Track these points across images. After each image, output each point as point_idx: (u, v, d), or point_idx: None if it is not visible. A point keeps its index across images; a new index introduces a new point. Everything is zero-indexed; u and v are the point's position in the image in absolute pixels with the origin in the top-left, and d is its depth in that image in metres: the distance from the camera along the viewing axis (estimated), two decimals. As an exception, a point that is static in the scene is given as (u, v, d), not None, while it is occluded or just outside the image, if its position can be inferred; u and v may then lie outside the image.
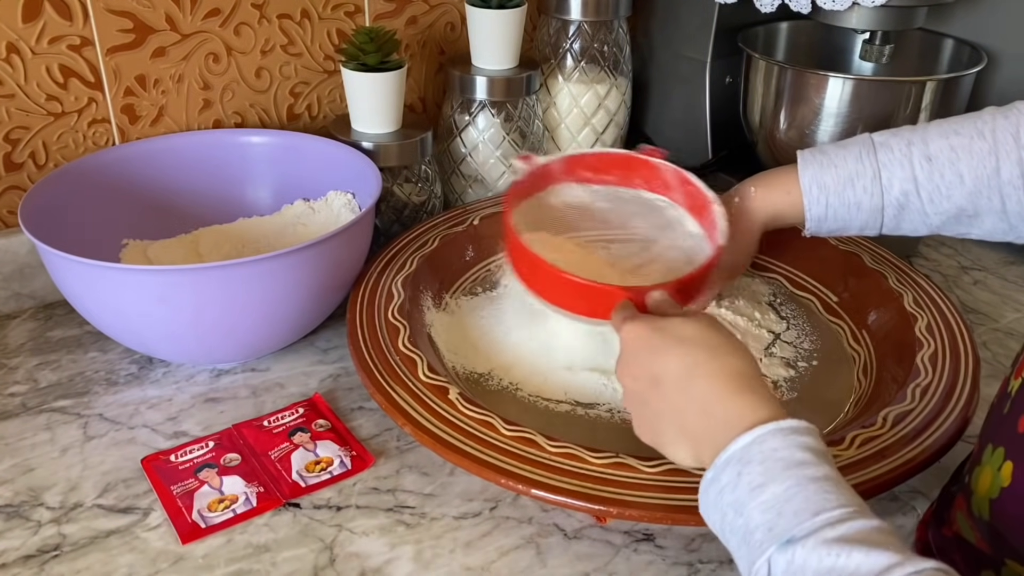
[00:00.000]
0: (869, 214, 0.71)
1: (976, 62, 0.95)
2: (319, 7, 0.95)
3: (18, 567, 0.60)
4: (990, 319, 0.90)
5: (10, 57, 0.82)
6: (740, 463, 0.48)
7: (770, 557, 0.44)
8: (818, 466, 0.46)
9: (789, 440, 0.47)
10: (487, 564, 0.61)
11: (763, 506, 0.45)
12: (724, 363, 0.53)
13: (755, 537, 0.45)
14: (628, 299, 0.62)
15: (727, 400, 0.51)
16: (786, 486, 0.45)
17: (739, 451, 0.48)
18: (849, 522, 0.43)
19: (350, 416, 0.75)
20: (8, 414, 0.74)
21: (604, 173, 0.78)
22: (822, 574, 0.42)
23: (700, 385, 0.52)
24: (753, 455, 0.47)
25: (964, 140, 0.68)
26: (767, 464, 0.47)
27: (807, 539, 0.43)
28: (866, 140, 0.72)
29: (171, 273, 0.70)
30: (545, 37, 1.06)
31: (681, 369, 0.53)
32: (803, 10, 0.91)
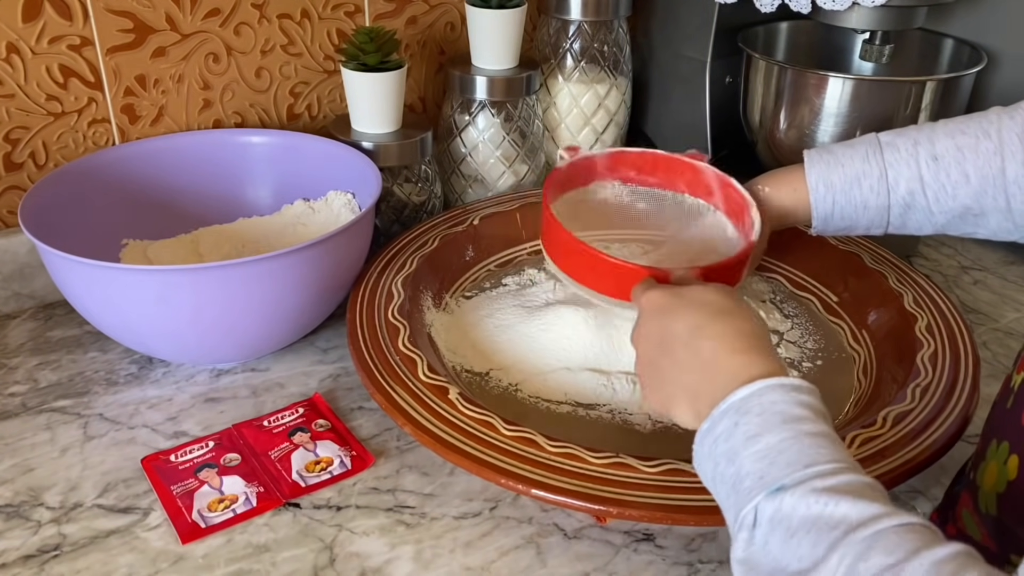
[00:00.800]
0: (875, 213, 0.72)
1: (976, 62, 0.95)
2: (319, 7, 0.95)
3: (18, 567, 0.60)
4: (990, 319, 0.90)
5: (10, 57, 0.82)
6: (738, 413, 0.48)
7: (758, 504, 0.44)
8: (815, 423, 0.47)
9: (789, 396, 0.48)
10: (487, 564, 0.61)
11: (756, 455, 0.46)
12: (733, 325, 0.53)
13: (745, 484, 0.46)
14: (655, 277, 0.63)
15: (731, 357, 0.51)
16: (781, 437, 0.46)
17: (738, 402, 0.48)
18: (840, 475, 0.44)
19: (350, 416, 0.75)
20: (8, 414, 0.74)
21: (647, 174, 0.79)
22: (809, 521, 0.42)
23: (706, 344, 0.53)
24: (752, 406, 0.48)
25: (970, 140, 0.68)
26: (765, 416, 0.47)
27: (796, 488, 0.43)
28: (872, 140, 0.72)
29: (171, 273, 0.70)
30: (545, 37, 1.06)
31: (690, 328, 0.54)
32: (803, 10, 0.91)
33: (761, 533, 0.44)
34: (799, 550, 0.42)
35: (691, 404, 0.53)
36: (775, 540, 0.43)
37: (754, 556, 0.44)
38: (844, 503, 0.42)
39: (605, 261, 0.66)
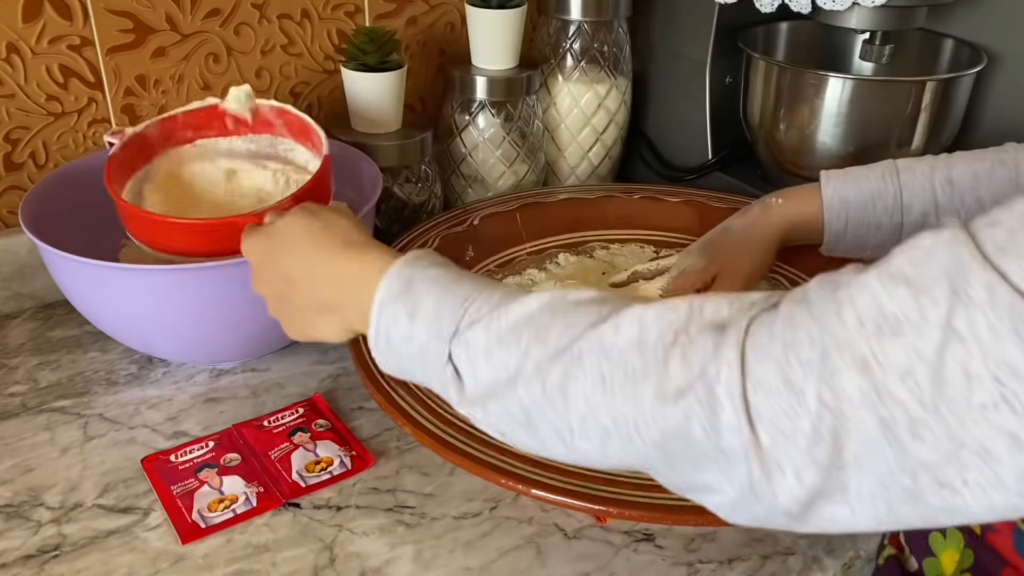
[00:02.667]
0: (888, 234, 0.72)
1: (976, 62, 0.95)
2: (319, 7, 0.95)
3: (18, 567, 0.60)
4: (990, 319, 0.90)
5: (10, 57, 0.82)
6: (391, 303, 0.50)
7: (450, 354, 0.47)
8: (452, 272, 0.50)
9: (417, 265, 0.51)
10: (487, 564, 0.61)
11: (423, 323, 0.49)
12: (332, 237, 0.56)
13: (430, 350, 0.48)
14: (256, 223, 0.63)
15: (348, 265, 0.54)
16: (432, 297, 0.49)
17: (383, 294, 0.50)
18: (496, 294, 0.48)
19: (350, 416, 0.75)
20: (8, 414, 0.74)
21: (204, 129, 0.78)
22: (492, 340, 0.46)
23: (321, 266, 0.55)
24: (396, 291, 0.50)
25: (986, 167, 0.69)
26: (408, 293, 0.50)
27: (470, 323, 0.47)
28: (889, 163, 0.73)
29: (171, 273, 0.70)
30: (545, 37, 1.06)
31: (297, 258, 0.56)
32: (803, 10, 0.91)
33: (466, 374, 0.47)
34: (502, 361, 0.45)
35: (337, 319, 0.55)
36: (481, 369, 0.46)
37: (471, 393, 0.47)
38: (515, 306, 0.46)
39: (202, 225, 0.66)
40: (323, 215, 0.58)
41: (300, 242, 0.57)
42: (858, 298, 0.36)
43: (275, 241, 0.59)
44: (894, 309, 0.34)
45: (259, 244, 0.60)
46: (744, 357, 0.38)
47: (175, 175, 0.76)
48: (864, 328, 0.35)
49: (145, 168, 0.76)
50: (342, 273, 0.54)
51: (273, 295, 0.59)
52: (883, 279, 0.35)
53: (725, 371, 0.38)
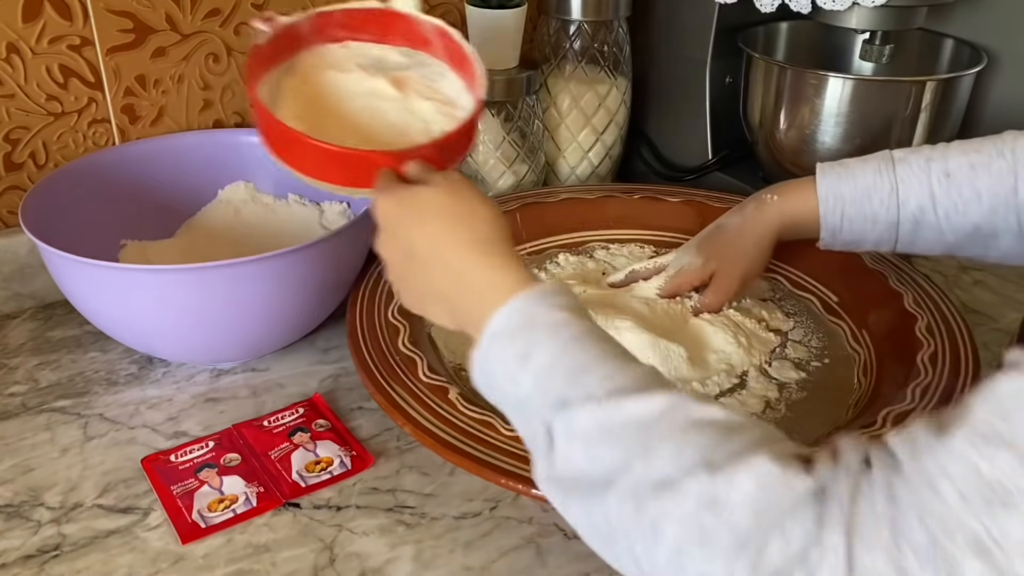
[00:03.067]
0: (885, 228, 0.71)
1: (976, 62, 0.95)
2: (319, 7, 0.95)
3: (18, 567, 0.60)
4: (990, 319, 0.90)
5: (10, 57, 0.82)
6: (504, 336, 0.48)
7: (548, 422, 0.45)
8: (577, 323, 0.47)
9: (545, 304, 0.48)
10: (487, 564, 0.61)
11: (533, 375, 0.46)
12: (473, 230, 0.53)
13: (530, 406, 0.46)
14: (389, 164, 0.60)
15: (479, 271, 0.52)
16: (550, 351, 0.46)
17: (502, 325, 0.48)
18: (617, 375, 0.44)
19: (350, 416, 0.75)
20: (8, 414, 0.74)
21: (359, 31, 0.72)
22: (595, 430, 0.43)
23: (451, 256, 0.53)
24: (514, 326, 0.48)
25: (984, 158, 0.68)
26: (528, 332, 0.47)
27: (579, 400, 0.44)
28: (885, 155, 0.72)
29: (172, 273, 0.70)
30: (545, 37, 1.06)
31: (429, 241, 0.54)
32: (803, 10, 0.91)
33: (560, 450, 0.44)
34: (601, 458, 0.42)
35: (448, 312, 0.54)
36: (576, 453, 0.44)
37: (559, 472, 0.45)
38: (627, 402, 0.43)
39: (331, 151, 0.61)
40: (468, 200, 0.55)
41: (435, 224, 0.54)
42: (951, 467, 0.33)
43: (410, 212, 0.55)
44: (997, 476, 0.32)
45: (393, 208, 0.57)
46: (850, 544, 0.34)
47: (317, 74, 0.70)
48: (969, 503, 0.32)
49: (289, 61, 0.70)
50: (468, 277, 0.52)
51: (394, 263, 0.57)
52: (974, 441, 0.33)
53: (830, 559, 0.34)
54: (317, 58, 0.70)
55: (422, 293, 0.56)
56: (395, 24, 0.71)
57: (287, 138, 0.62)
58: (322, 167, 0.63)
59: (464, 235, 0.53)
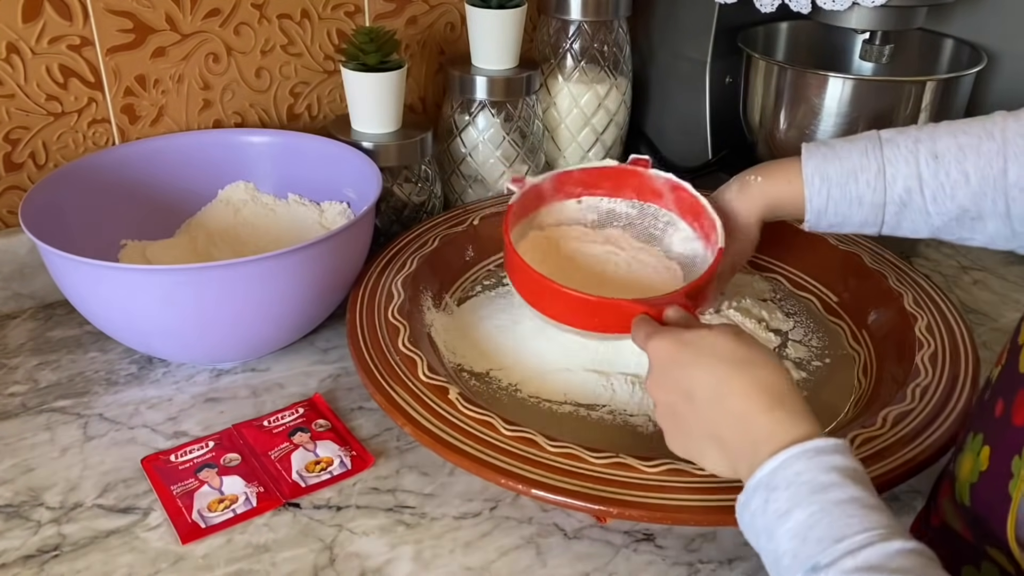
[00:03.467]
0: (870, 210, 0.70)
1: (976, 62, 0.95)
2: (319, 7, 0.95)
3: (18, 567, 0.60)
4: (990, 319, 0.90)
5: (10, 57, 0.82)
6: (767, 489, 0.48)
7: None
8: (843, 488, 0.47)
9: (814, 463, 0.48)
10: (487, 564, 0.61)
11: (789, 533, 0.46)
12: (755, 377, 0.53)
13: (783, 563, 0.46)
14: (646, 312, 0.63)
15: (758, 417, 0.52)
16: (809, 512, 0.46)
17: (765, 477, 0.49)
18: (869, 548, 0.44)
19: (350, 416, 0.75)
20: (8, 414, 0.74)
21: (594, 187, 0.79)
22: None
23: (732, 401, 0.53)
24: (779, 481, 0.48)
25: (973, 140, 0.67)
26: (792, 489, 0.47)
27: (830, 568, 0.43)
28: (873, 136, 0.71)
29: (172, 273, 0.70)
30: (545, 37, 1.06)
31: (712, 384, 0.54)
32: (803, 10, 0.91)
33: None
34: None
35: (725, 458, 0.53)
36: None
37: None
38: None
39: (587, 301, 0.65)
40: (751, 346, 0.55)
41: (719, 367, 0.54)
42: None
43: (691, 353, 0.55)
44: None
45: (671, 349, 0.57)
46: None
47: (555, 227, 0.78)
48: None
49: (532, 215, 0.77)
50: (749, 423, 0.52)
51: (667, 404, 0.57)
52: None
53: None
54: (556, 212, 0.79)
55: (695, 435, 0.55)
56: (628, 180, 0.79)
57: (541, 287, 0.68)
58: (575, 314, 0.68)
59: (748, 381, 0.53)
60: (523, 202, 0.75)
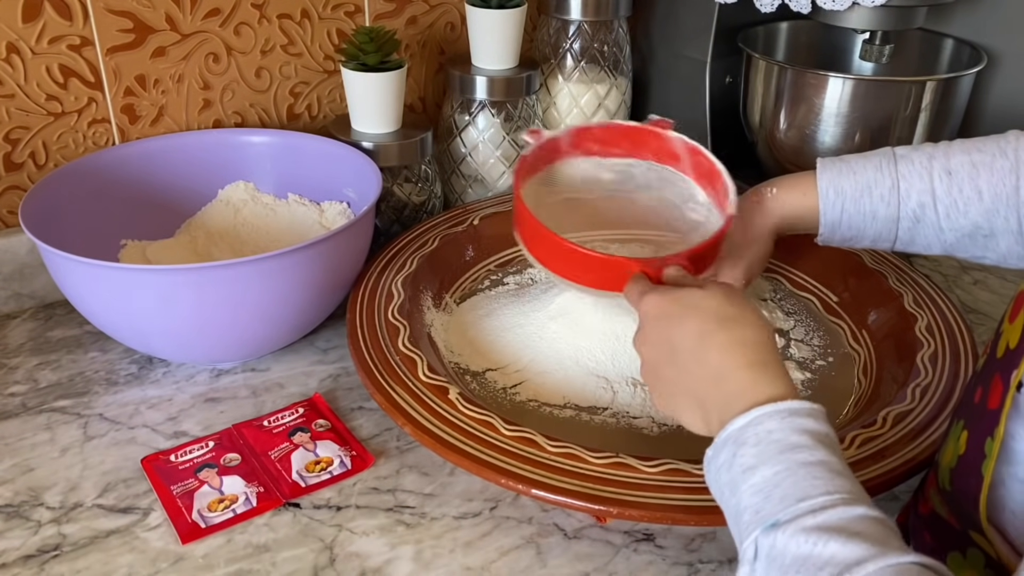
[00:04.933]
0: (884, 224, 0.71)
1: (976, 62, 0.95)
2: (319, 7, 0.95)
3: (18, 567, 0.60)
4: (990, 319, 0.90)
5: (10, 57, 0.82)
6: (736, 444, 0.48)
7: (756, 539, 0.45)
8: (812, 450, 0.46)
9: (787, 423, 0.48)
10: (487, 564, 0.61)
11: (753, 489, 0.46)
12: (738, 334, 0.53)
13: (744, 518, 0.46)
14: (642, 271, 0.62)
15: (736, 372, 0.51)
16: (776, 470, 0.46)
17: (736, 432, 0.49)
18: (831, 509, 0.43)
19: (350, 416, 0.75)
20: (8, 414, 0.74)
21: (612, 145, 0.77)
22: (799, 560, 0.42)
23: (713, 355, 0.52)
24: (748, 436, 0.48)
25: (986, 157, 0.67)
26: (761, 447, 0.47)
27: (789, 524, 0.44)
28: (887, 152, 0.72)
29: (172, 273, 0.70)
30: (545, 37, 1.06)
31: (695, 338, 0.53)
32: (803, 10, 0.91)
33: (760, 567, 0.44)
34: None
35: (701, 414, 0.53)
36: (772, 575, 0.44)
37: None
38: (833, 543, 0.42)
39: (590, 256, 0.65)
40: (740, 306, 0.54)
41: (703, 323, 0.54)
42: None
43: (679, 310, 0.55)
44: None
45: (660, 305, 0.57)
46: None
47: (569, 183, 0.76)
48: None
49: (546, 169, 0.75)
50: (725, 379, 0.51)
51: (651, 360, 0.57)
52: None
53: None
54: (571, 169, 0.77)
55: (676, 391, 0.55)
56: (647, 141, 0.76)
57: (547, 241, 0.66)
58: (577, 270, 0.67)
59: (731, 337, 0.53)
60: (538, 155, 0.74)
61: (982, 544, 0.49)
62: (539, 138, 0.74)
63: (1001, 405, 0.46)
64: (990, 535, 0.47)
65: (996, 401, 0.47)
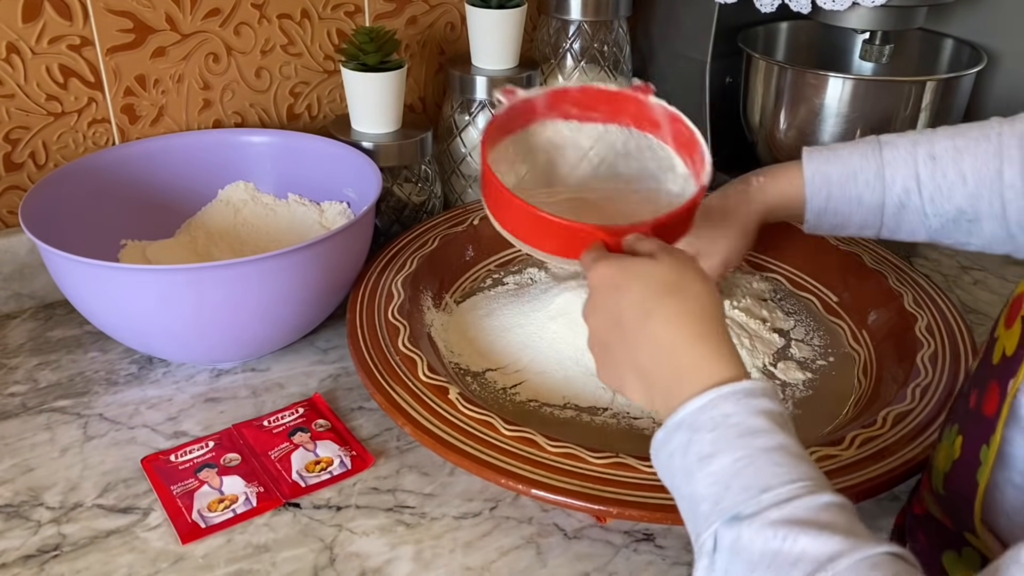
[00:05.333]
0: (869, 210, 0.71)
1: (976, 62, 0.95)
2: (319, 7, 0.95)
3: (18, 567, 0.60)
4: (990, 319, 0.90)
5: (10, 57, 0.82)
6: (690, 429, 0.46)
7: (716, 531, 0.43)
8: (772, 434, 0.45)
9: (743, 405, 0.46)
10: (487, 564, 0.61)
11: (711, 478, 0.44)
12: (685, 306, 0.51)
13: (701, 508, 0.44)
14: (603, 239, 0.60)
15: (682, 349, 0.49)
16: (735, 457, 0.44)
17: (690, 416, 0.46)
18: (797, 500, 0.42)
19: (350, 416, 0.75)
20: (8, 414, 0.74)
21: (590, 109, 0.73)
22: (767, 557, 0.41)
23: (657, 328, 0.50)
24: (704, 422, 0.46)
25: (969, 142, 0.68)
26: (718, 432, 0.45)
27: (753, 518, 0.42)
28: (872, 140, 0.72)
29: (172, 273, 0.70)
30: (545, 37, 1.06)
31: (639, 310, 0.51)
32: (803, 10, 0.91)
33: (721, 561, 0.43)
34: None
35: (645, 389, 0.51)
36: (736, 570, 0.42)
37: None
38: (803, 537, 0.40)
39: (551, 221, 0.62)
40: (688, 276, 0.52)
41: (648, 292, 0.52)
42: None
43: (625, 280, 0.53)
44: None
45: (608, 275, 0.54)
46: None
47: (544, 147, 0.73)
48: None
49: (521, 132, 0.72)
50: (671, 353, 0.49)
51: (598, 329, 0.55)
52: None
53: None
54: (547, 131, 0.73)
55: (621, 364, 0.53)
56: (626, 106, 0.73)
57: (510, 205, 0.64)
58: (539, 235, 0.64)
59: (677, 309, 0.50)
60: (511, 115, 0.70)
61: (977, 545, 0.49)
62: (513, 98, 0.70)
63: (998, 412, 0.46)
64: (984, 537, 0.47)
65: (992, 408, 0.47)
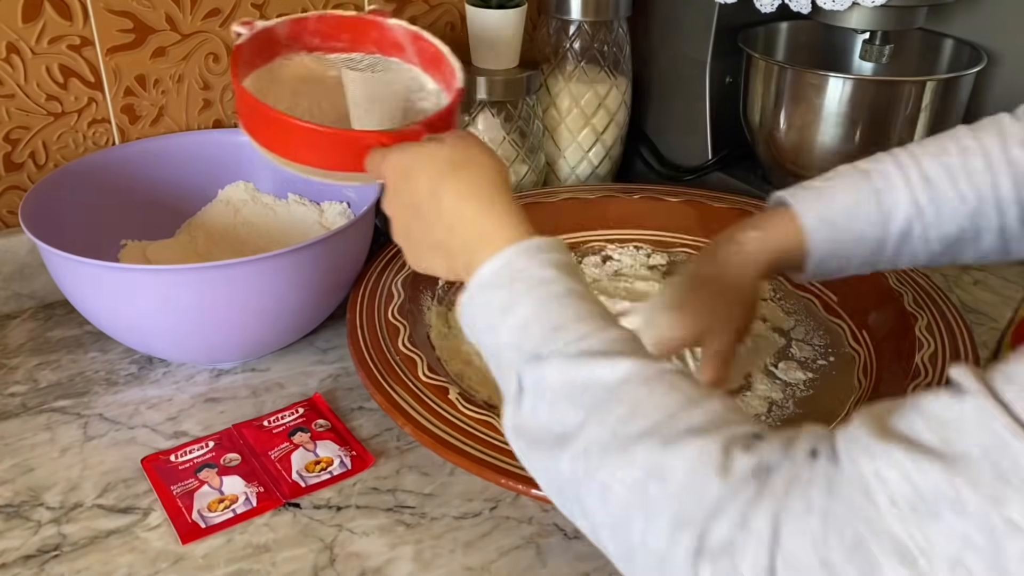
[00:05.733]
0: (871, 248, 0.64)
1: (976, 62, 0.95)
2: (319, 7, 0.95)
3: (18, 567, 0.60)
4: (990, 319, 0.90)
5: (10, 57, 0.82)
6: (491, 288, 0.49)
7: (519, 374, 0.46)
8: (561, 281, 0.48)
9: (534, 259, 0.49)
10: (487, 564, 0.61)
11: (512, 328, 0.47)
12: (472, 179, 0.53)
13: (505, 356, 0.48)
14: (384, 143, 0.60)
15: (474, 219, 0.52)
16: (531, 305, 0.47)
17: (488, 276, 0.49)
18: (590, 337, 0.45)
19: (350, 416, 0.75)
20: (8, 414, 0.74)
21: (332, 39, 0.74)
22: (565, 388, 0.44)
23: (449, 202, 0.53)
24: (501, 279, 0.49)
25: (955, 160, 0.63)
26: (514, 285, 0.48)
27: (551, 355, 0.45)
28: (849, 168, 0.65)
29: (172, 273, 0.70)
30: (545, 37, 1.06)
31: (431, 186, 0.54)
32: (803, 10, 0.91)
33: (527, 401, 0.46)
34: (562, 415, 0.44)
35: (447, 263, 0.54)
36: (541, 408, 0.45)
37: (524, 423, 0.46)
38: (596, 364, 0.44)
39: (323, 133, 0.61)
40: (473, 151, 0.55)
41: (436, 171, 0.54)
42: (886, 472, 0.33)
43: (415, 163, 0.55)
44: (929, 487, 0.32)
45: (398, 162, 0.57)
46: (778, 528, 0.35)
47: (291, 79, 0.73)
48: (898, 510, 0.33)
49: (268, 65, 0.72)
50: (464, 226, 0.52)
51: (397, 218, 0.57)
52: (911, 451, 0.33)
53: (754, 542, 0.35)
54: (293, 65, 0.72)
55: (423, 244, 0.56)
56: (368, 31, 0.73)
57: (272, 121, 0.63)
58: (310, 150, 0.63)
59: (463, 184, 0.53)
60: (254, 46, 0.70)
61: None
62: (252, 28, 0.70)
63: None
64: None
65: None
